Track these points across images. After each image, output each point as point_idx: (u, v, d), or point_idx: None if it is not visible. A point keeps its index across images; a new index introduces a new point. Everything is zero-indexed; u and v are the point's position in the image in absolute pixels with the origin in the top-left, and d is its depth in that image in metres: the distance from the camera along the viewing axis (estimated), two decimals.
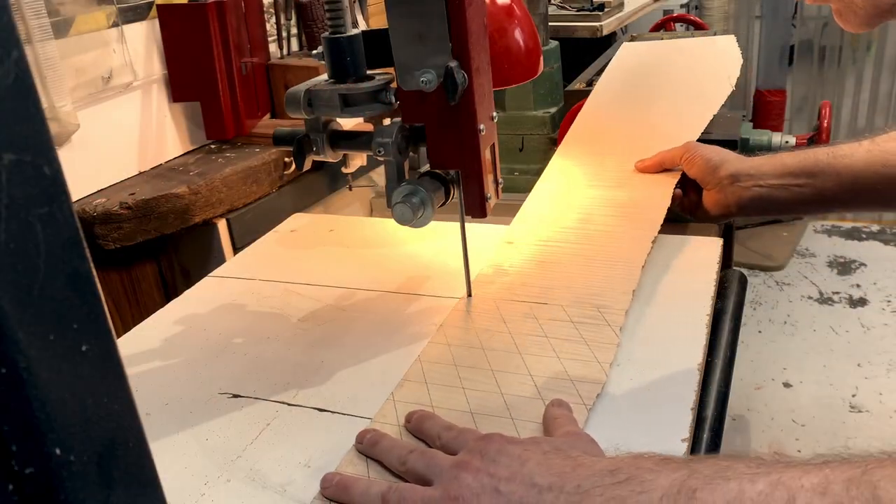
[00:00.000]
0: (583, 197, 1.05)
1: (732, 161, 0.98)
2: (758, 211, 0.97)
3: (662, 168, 1.06)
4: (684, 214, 1.05)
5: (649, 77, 1.32)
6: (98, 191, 1.26)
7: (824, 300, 2.80)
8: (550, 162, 1.14)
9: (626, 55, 1.39)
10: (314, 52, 0.80)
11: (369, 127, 0.81)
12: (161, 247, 1.27)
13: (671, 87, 1.26)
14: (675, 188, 1.03)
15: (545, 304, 0.84)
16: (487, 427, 0.63)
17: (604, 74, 1.33)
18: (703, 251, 0.94)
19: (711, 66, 1.29)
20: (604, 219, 0.99)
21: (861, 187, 0.89)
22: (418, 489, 0.54)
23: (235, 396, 0.75)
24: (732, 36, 1.37)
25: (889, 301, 2.74)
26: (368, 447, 0.61)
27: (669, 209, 1.00)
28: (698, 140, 1.43)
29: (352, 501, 0.56)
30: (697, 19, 2.48)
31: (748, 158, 0.98)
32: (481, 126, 0.75)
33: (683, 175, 1.04)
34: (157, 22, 1.36)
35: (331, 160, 0.82)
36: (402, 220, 0.76)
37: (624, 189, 1.05)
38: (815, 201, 0.93)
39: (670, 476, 0.46)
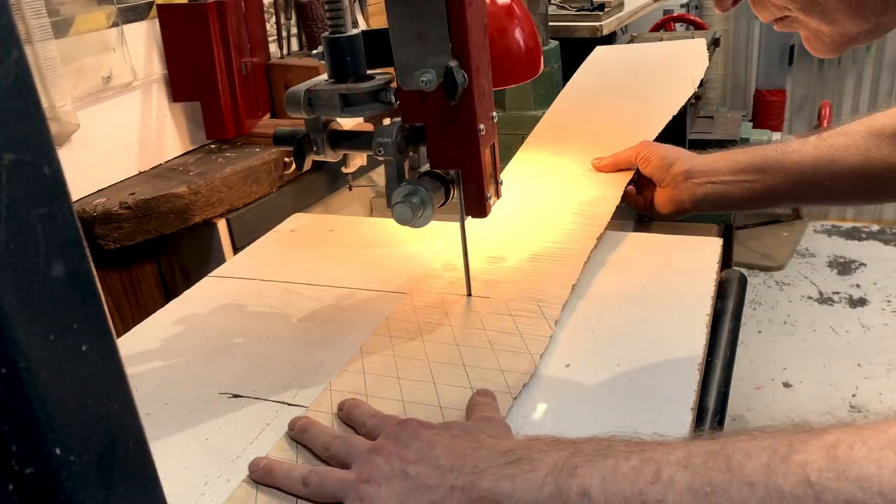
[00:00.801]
0: (539, 194, 1.07)
1: (686, 158, 1.00)
2: (711, 207, 0.98)
3: (618, 168, 1.07)
4: (640, 211, 1.06)
5: (616, 79, 1.33)
6: (98, 191, 1.26)
7: (824, 300, 2.80)
8: (513, 158, 1.15)
9: (596, 58, 1.40)
10: (314, 51, 0.80)
11: (369, 127, 0.81)
12: (161, 247, 1.27)
13: (635, 88, 1.28)
14: (629, 185, 1.05)
15: (488, 297, 0.86)
16: (416, 414, 0.66)
17: (573, 76, 1.34)
18: (703, 251, 0.94)
19: (677, 69, 1.30)
20: (557, 216, 1.01)
21: (808, 182, 0.92)
22: (336, 471, 0.57)
23: (235, 396, 0.75)
24: (702, 39, 1.37)
25: (889, 301, 2.74)
26: (298, 433, 0.64)
27: (628, 206, 1.04)
28: (696, 140, 1.44)
29: (276, 483, 0.60)
30: (697, 19, 2.48)
31: (701, 156, 1.00)
32: (481, 126, 0.75)
33: (638, 173, 1.05)
34: (157, 22, 1.36)
35: (331, 160, 0.82)
36: (402, 220, 0.76)
37: (580, 187, 1.07)
38: (766, 197, 0.95)
39: (556, 455, 0.49)
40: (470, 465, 0.52)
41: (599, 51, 1.42)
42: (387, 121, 0.81)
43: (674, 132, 1.37)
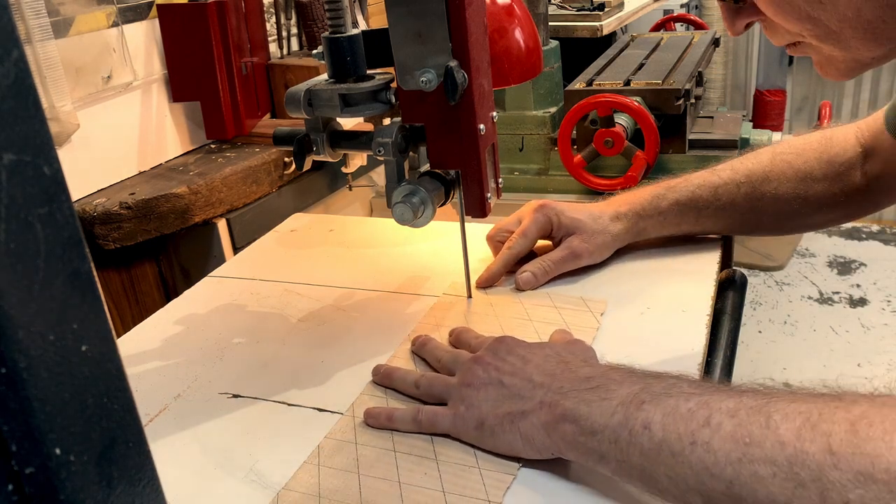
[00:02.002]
0: None
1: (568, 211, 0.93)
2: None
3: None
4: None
5: None
6: (98, 191, 1.26)
7: (824, 300, 2.80)
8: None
9: None
10: (314, 51, 0.80)
11: (369, 127, 0.81)
12: (161, 247, 1.27)
13: None
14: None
15: (531, 291, 0.88)
16: None
17: None
18: (703, 251, 0.94)
19: None
20: None
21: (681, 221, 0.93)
22: (443, 377, 0.68)
23: (235, 396, 0.75)
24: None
25: (889, 301, 2.74)
26: (419, 348, 0.76)
27: None
28: (696, 139, 1.43)
29: (393, 385, 0.71)
30: (697, 19, 2.47)
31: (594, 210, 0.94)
32: (481, 126, 0.75)
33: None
34: (157, 22, 1.36)
35: (331, 160, 0.82)
36: (402, 220, 0.76)
37: None
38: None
39: (629, 388, 0.56)
40: (557, 385, 0.60)
41: None
42: (387, 121, 0.81)
43: (674, 132, 1.37)
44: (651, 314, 0.82)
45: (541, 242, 0.94)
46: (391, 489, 0.59)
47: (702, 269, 0.91)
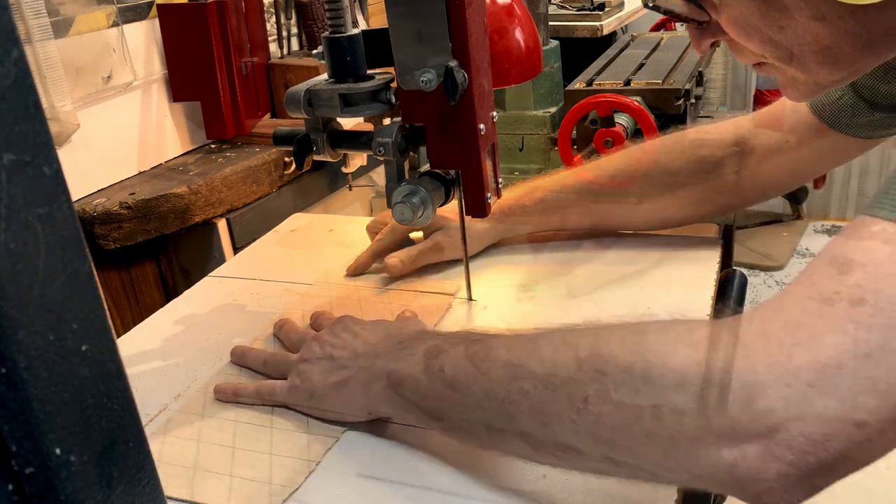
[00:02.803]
0: None
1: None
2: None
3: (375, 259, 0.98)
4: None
5: None
6: (98, 191, 1.26)
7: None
8: None
9: None
10: (314, 51, 0.80)
11: (369, 127, 0.81)
12: (161, 247, 1.27)
13: None
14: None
15: (399, 280, 0.94)
16: None
17: None
18: (703, 251, 0.94)
19: None
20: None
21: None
22: (288, 354, 0.75)
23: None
24: None
25: None
26: (277, 329, 0.83)
27: None
28: None
29: (246, 363, 0.78)
30: None
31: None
32: (481, 126, 0.75)
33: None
34: (157, 22, 1.36)
35: (331, 160, 0.82)
36: (402, 220, 0.76)
37: None
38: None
39: (431, 342, 0.63)
40: (374, 351, 0.67)
41: None
42: (387, 121, 0.81)
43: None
44: (651, 314, 0.82)
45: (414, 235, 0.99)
46: (223, 453, 0.66)
47: (702, 269, 0.91)
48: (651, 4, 0.67)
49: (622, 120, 1.32)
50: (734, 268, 0.97)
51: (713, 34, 0.65)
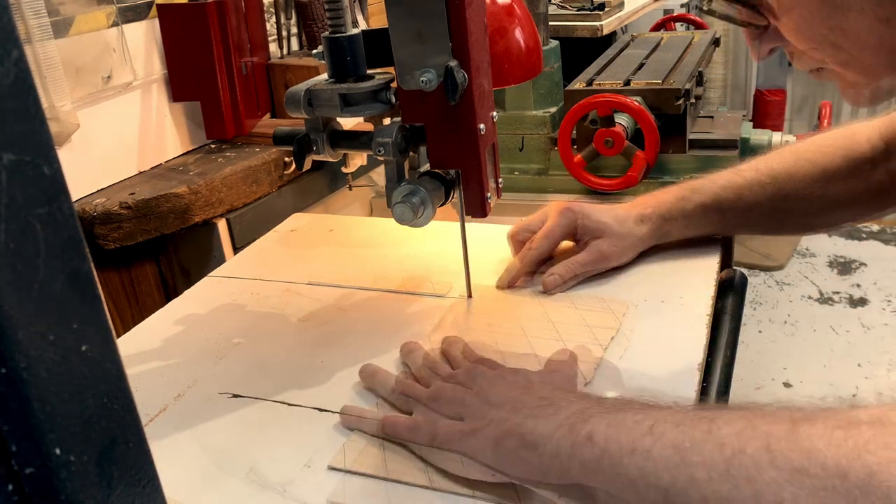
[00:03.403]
0: None
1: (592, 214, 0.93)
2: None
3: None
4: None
5: None
6: (98, 191, 1.26)
7: (824, 300, 2.80)
8: None
9: None
10: (314, 51, 0.80)
11: (369, 127, 0.81)
12: (161, 247, 1.27)
13: None
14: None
15: (550, 294, 0.88)
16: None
17: None
18: (703, 251, 0.94)
19: None
20: None
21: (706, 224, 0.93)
22: (417, 387, 0.69)
23: (235, 396, 0.75)
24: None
25: (889, 301, 2.74)
26: (405, 355, 0.77)
27: None
28: (696, 139, 1.43)
29: (373, 386, 0.73)
30: (698, 19, 2.47)
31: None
32: (481, 126, 0.75)
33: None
34: (157, 22, 1.36)
35: (331, 160, 0.82)
36: (402, 220, 0.76)
37: None
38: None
39: (579, 404, 0.56)
40: (511, 405, 0.59)
41: None
42: (387, 121, 0.81)
43: (674, 132, 1.37)
44: (651, 314, 0.82)
45: (563, 244, 0.94)
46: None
47: (702, 269, 0.91)
48: (707, 9, 0.65)
49: (622, 120, 1.32)
50: (734, 268, 0.97)
51: (772, 40, 0.63)
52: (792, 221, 0.92)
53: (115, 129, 1.30)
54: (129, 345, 0.85)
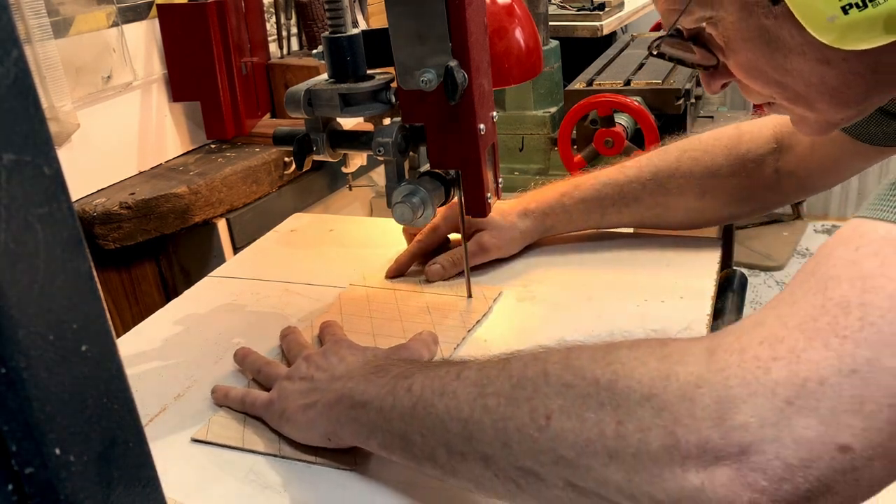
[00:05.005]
0: None
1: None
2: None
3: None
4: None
5: None
6: (98, 191, 1.26)
7: None
8: None
9: None
10: (314, 51, 0.80)
11: (369, 127, 0.81)
12: (161, 247, 1.27)
13: None
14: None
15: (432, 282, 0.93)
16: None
17: None
18: (703, 251, 0.94)
19: None
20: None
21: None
22: (277, 368, 0.74)
23: None
24: None
25: None
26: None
27: None
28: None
29: (243, 367, 0.77)
30: None
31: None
32: (481, 126, 0.75)
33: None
34: (157, 22, 1.36)
35: (331, 160, 0.82)
36: (402, 220, 0.76)
37: None
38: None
39: (404, 367, 0.60)
40: (348, 375, 0.64)
41: None
42: (387, 121, 0.81)
43: (674, 132, 1.37)
44: (651, 313, 0.82)
45: (454, 237, 0.97)
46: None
47: (702, 269, 0.91)
48: (656, 53, 0.68)
49: (622, 120, 1.32)
50: (734, 268, 0.97)
51: (723, 76, 0.66)
52: (674, 217, 0.94)
53: (115, 129, 1.30)
54: (129, 345, 0.85)
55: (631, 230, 1.00)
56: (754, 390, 0.41)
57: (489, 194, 0.78)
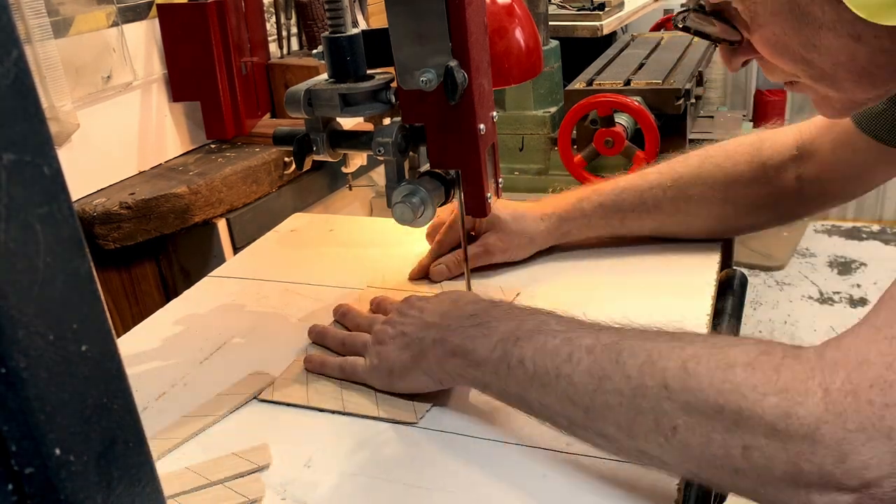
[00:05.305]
0: None
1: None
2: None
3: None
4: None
5: None
6: (98, 191, 1.26)
7: (824, 300, 2.80)
8: None
9: None
10: (314, 51, 0.80)
11: (369, 127, 0.81)
12: (161, 247, 1.27)
13: None
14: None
15: (457, 281, 0.92)
16: None
17: None
18: (703, 251, 0.94)
19: None
20: None
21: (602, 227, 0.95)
22: (361, 335, 0.77)
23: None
24: None
25: None
26: (340, 317, 0.84)
27: None
28: (696, 139, 1.44)
29: (325, 342, 0.81)
30: None
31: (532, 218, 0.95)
32: (481, 126, 0.75)
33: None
34: (157, 22, 1.36)
35: (331, 160, 0.82)
36: (402, 220, 0.76)
37: None
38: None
39: (507, 325, 0.64)
40: (445, 323, 0.68)
41: None
42: (387, 121, 0.81)
43: (674, 132, 1.37)
44: (651, 314, 0.82)
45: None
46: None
47: (702, 268, 0.91)
48: (681, 26, 0.67)
49: (622, 120, 1.32)
50: (734, 268, 0.97)
51: (745, 53, 0.65)
52: (695, 225, 0.93)
53: (115, 129, 1.30)
54: (129, 345, 0.85)
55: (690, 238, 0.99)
56: (871, 435, 0.45)
57: (489, 194, 0.78)
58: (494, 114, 0.78)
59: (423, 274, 0.95)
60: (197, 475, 0.63)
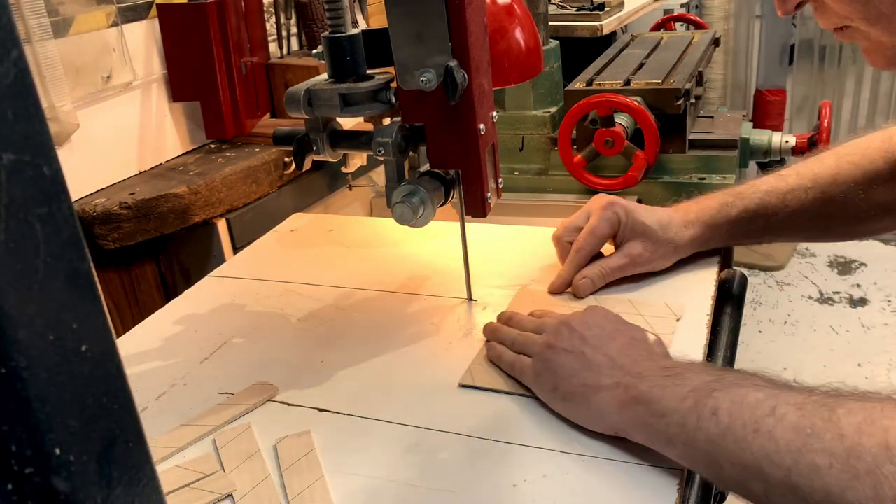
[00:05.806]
0: None
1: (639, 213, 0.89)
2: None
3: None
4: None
5: None
6: (98, 190, 1.26)
7: (824, 300, 2.80)
8: None
9: None
10: (314, 51, 0.80)
11: (369, 127, 0.81)
12: (161, 247, 1.27)
13: None
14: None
15: (607, 296, 0.86)
16: None
17: None
18: (704, 251, 0.94)
19: None
20: None
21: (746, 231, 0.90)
22: (534, 336, 0.71)
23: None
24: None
25: (889, 301, 2.74)
26: (506, 320, 0.78)
27: None
28: (696, 139, 1.43)
29: (498, 337, 0.75)
30: (698, 18, 2.47)
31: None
32: (481, 126, 0.75)
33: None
34: (157, 22, 1.36)
35: (331, 160, 0.82)
36: (402, 220, 0.76)
37: None
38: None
39: (703, 377, 0.58)
40: (637, 369, 0.62)
41: None
42: (387, 121, 0.81)
43: (674, 132, 1.37)
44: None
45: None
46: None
47: (702, 268, 0.91)
48: None
49: (622, 120, 1.32)
50: (734, 268, 0.97)
51: None
52: (836, 227, 0.90)
53: (115, 129, 1.30)
54: (129, 345, 0.85)
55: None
56: None
57: (489, 194, 0.79)
58: (494, 114, 0.78)
59: (564, 287, 0.87)
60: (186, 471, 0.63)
